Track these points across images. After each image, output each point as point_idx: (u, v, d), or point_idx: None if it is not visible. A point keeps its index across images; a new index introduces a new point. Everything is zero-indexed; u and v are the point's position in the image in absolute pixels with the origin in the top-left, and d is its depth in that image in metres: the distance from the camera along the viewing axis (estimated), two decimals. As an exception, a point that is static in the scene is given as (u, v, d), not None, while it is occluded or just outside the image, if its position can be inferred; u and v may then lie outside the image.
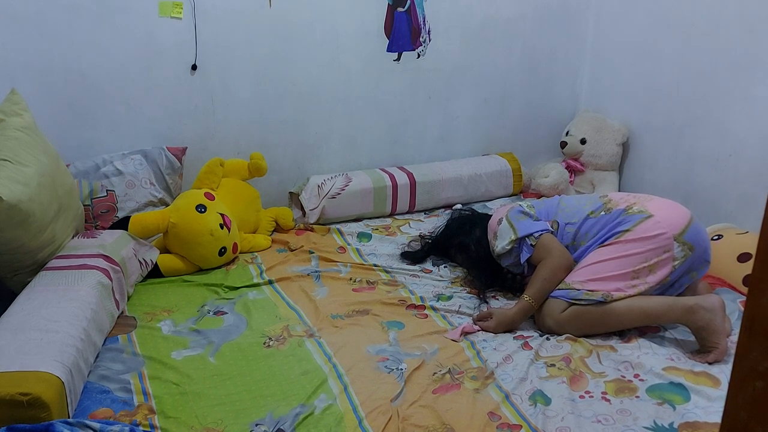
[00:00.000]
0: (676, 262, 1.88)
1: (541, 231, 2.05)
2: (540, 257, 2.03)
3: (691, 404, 1.58)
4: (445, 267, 2.38)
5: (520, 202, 2.22)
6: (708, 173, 2.62)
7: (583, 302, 1.88)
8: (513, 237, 2.07)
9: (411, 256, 2.44)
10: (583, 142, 3.05)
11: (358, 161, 3.00)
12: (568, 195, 2.21)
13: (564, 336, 1.89)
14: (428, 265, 2.39)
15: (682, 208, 1.99)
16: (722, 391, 1.62)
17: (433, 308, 2.07)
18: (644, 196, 2.04)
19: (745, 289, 2.02)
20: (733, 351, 1.42)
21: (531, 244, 2.05)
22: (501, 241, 2.12)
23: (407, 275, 2.31)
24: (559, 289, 1.94)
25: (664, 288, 1.92)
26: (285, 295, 2.15)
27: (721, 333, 1.77)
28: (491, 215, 2.31)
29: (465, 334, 1.92)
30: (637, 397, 1.62)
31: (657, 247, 1.88)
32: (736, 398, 0.72)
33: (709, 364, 1.74)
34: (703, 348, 1.80)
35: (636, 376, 1.70)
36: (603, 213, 2.02)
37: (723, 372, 1.69)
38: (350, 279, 2.27)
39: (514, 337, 1.91)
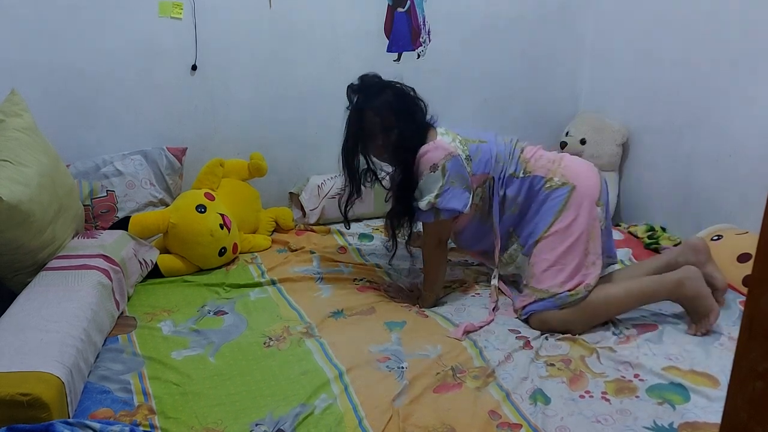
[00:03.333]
0: (602, 224, 2.00)
1: (456, 214, 2.02)
2: (429, 233, 2.06)
3: (690, 404, 1.58)
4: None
5: (465, 147, 2.04)
6: (708, 173, 2.62)
7: (571, 304, 1.91)
8: (431, 200, 1.98)
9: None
10: (582, 142, 3.04)
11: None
12: (496, 138, 2.11)
13: (564, 336, 1.90)
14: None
15: (590, 166, 2.08)
16: (722, 391, 1.62)
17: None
18: (552, 156, 2.07)
19: (745, 290, 2.02)
20: (733, 350, 1.43)
21: (436, 217, 2.01)
22: (425, 192, 2.00)
23: (408, 278, 2.31)
24: (541, 300, 1.95)
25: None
26: (287, 295, 2.15)
27: (709, 296, 1.89)
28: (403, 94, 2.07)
29: (467, 332, 1.92)
30: (637, 397, 1.62)
31: (590, 220, 1.96)
32: (735, 398, 0.72)
33: (707, 331, 1.88)
34: (697, 316, 1.90)
35: (636, 376, 1.71)
36: (522, 174, 2.03)
37: (723, 372, 1.69)
38: (353, 279, 2.27)
39: (516, 337, 1.91)
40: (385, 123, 2.02)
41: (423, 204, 2.00)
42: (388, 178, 2.17)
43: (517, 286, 2.16)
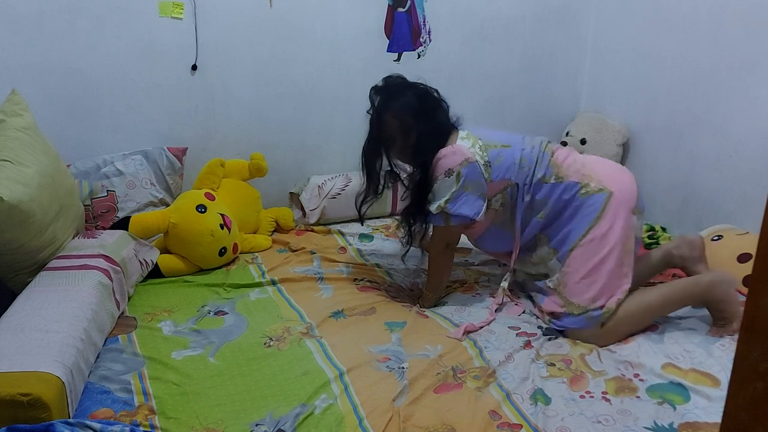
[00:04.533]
0: (638, 232, 1.96)
1: (466, 221, 1.98)
2: (437, 237, 2.04)
3: (691, 404, 1.58)
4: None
5: (485, 153, 1.98)
6: (708, 174, 2.62)
7: (605, 321, 1.86)
8: (442, 205, 1.96)
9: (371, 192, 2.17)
10: (583, 142, 3.04)
11: (359, 161, 2.98)
12: (523, 141, 2.03)
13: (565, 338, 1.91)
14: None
15: (627, 171, 2.03)
16: (722, 391, 1.62)
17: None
18: (587, 159, 2.01)
19: (745, 290, 2.02)
20: (733, 350, 1.43)
21: (446, 222, 1.99)
22: (437, 197, 1.98)
23: (407, 277, 2.31)
24: (572, 315, 1.89)
25: None
26: (287, 295, 2.15)
27: (737, 302, 1.87)
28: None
29: (467, 333, 1.92)
30: (638, 397, 1.62)
31: (626, 230, 1.90)
32: (736, 399, 0.72)
33: (732, 333, 1.85)
34: (722, 320, 1.88)
35: (636, 375, 1.70)
36: (554, 180, 1.96)
37: (724, 371, 1.69)
38: (355, 279, 2.27)
39: (516, 334, 1.91)
40: (404, 126, 2.00)
41: (433, 208, 1.98)
42: (407, 175, 2.15)
43: (531, 281, 2.12)
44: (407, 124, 2.00)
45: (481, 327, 1.95)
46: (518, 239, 2.04)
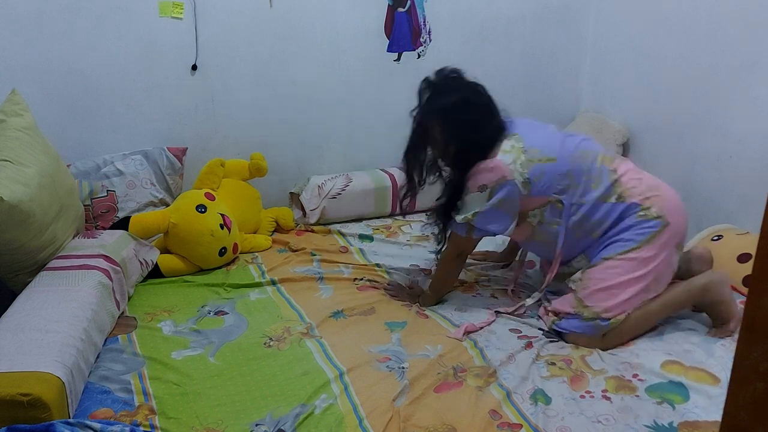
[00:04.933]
0: (674, 267, 1.91)
1: (486, 235, 1.97)
2: (454, 243, 2.02)
3: (690, 404, 1.58)
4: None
5: (526, 170, 1.87)
6: (708, 174, 2.62)
7: (609, 330, 1.85)
8: (469, 217, 1.92)
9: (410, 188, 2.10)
10: (583, 142, 3.04)
11: (359, 161, 3.00)
12: (574, 153, 1.91)
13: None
14: (430, 265, 2.39)
15: (682, 204, 1.96)
16: (722, 389, 1.62)
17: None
18: (650, 181, 1.93)
19: (745, 290, 2.02)
20: (734, 349, 1.43)
21: (469, 233, 1.96)
22: (466, 208, 1.94)
23: (409, 276, 2.31)
24: (579, 317, 1.85)
25: None
26: (288, 295, 2.15)
27: (733, 302, 1.86)
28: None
29: (467, 333, 1.91)
30: (637, 396, 1.62)
31: (666, 264, 1.86)
32: (736, 399, 0.72)
33: (732, 332, 1.84)
34: (719, 321, 1.87)
35: (635, 376, 1.70)
36: (614, 200, 1.88)
37: (724, 370, 1.69)
38: (356, 280, 2.27)
39: (518, 337, 1.91)
40: (447, 131, 1.92)
41: (459, 218, 1.94)
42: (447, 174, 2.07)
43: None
44: (450, 131, 1.92)
45: (482, 327, 1.95)
46: (558, 258, 1.97)
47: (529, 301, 2.06)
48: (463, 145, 1.92)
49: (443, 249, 2.09)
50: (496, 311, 2.03)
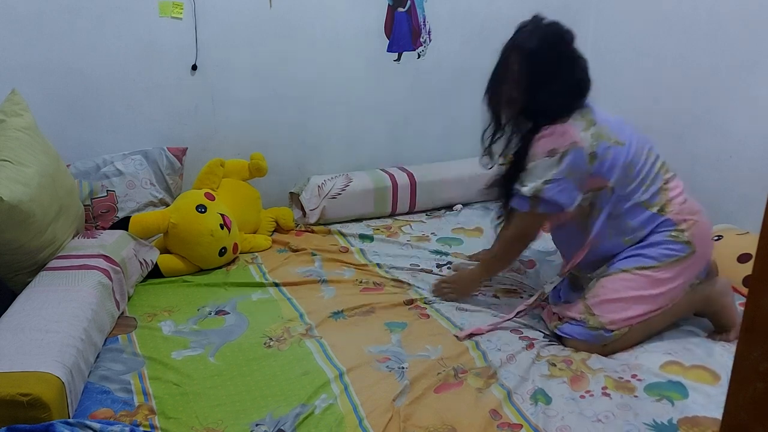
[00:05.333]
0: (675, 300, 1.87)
1: (557, 210, 1.79)
2: (517, 224, 1.88)
3: (689, 400, 1.58)
4: (448, 268, 2.37)
5: (596, 143, 1.77)
6: (708, 174, 2.62)
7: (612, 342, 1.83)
8: (539, 186, 1.77)
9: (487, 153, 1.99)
10: (583, 142, 3.04)
11: (359, 161, 3.00)
12: (637, 146, 1.83)
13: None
14: (430, 265, 2.39)
15: (712, 239, 1.89)
16: (721, 387, 1.62)
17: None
18: (694, 209, 1.87)
19: (745, 290, 2.02)
20: (734, 350, 1.43)
21: (533, 207, 1.80)
22: (533, 177, 1.78)
23: (410, 275, 2.31)
24: (588, 328, 1.81)
25: None
26: (289, 296, 2.15)
27: (734, 310, 1.85)
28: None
29: (472, 335, 1.89)
30: (636, 396, 1.62)
31: (679, 289, 1.83)
32: (736, 399, 0.72)
33: (731, 341, 1.82)
34: (720, 328, 1.86)
35: (634, 376, 1.70)
36: (656, 211, 1.82)
37: (724, 369, 1.69)
38: (356, 280, 2.26)
39: (519, 338, 1.91)
40: (525, 76, 1.80)
41: (527, 189, 1.77)
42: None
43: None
44: (529, 76, 1.79)
45: (489, 331, 1.91)
46: (586, 247, 1.88)
47: (548, 288, 2.00)
48: (538, 95, 1.79)
49: (503, 228, 1.99)
50: (517, 312, 1.99)
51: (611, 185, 1.81)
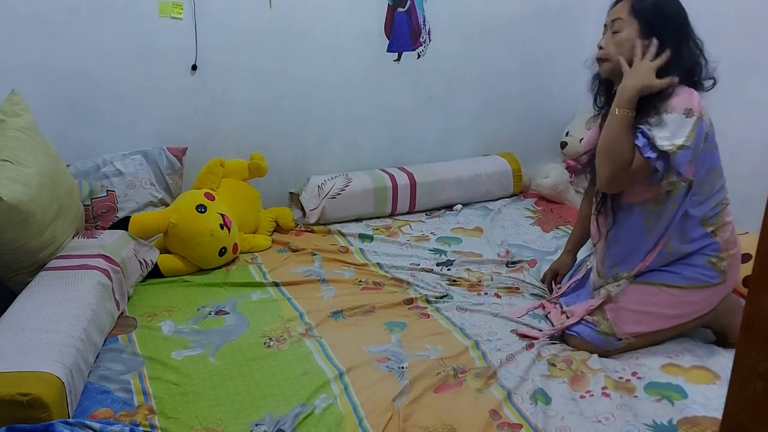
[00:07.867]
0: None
1: (670, 177, 1.64)
2: (634, 170, 1.64)
3: (689, 400, 1.58)
4: (448, 269, 2.37)
5: (711, 125, 1.72)
6: (708, 174, 2.62)
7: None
8: (676, 144, 1.59)
9: None
10: (583, 142, 3.04)
11: (359, 162, 3.00)
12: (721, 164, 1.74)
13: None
14: (430, 264, 2.39)
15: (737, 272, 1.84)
16: (721, 386, 1.62)
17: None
18: (737, 242, 1.83)
19: (745, 290, 2.02)
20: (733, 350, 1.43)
21: (653, 157, 1.61)
22: (664, 128, 1.62)
23: (410, 275, 2.31)
24: (597, 331, 1.81)
25: None
26: (289, 295, 2.15)
27: (736, 329, 1.79)
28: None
29: (526, 337, 1.88)
30: (636, 396, 1.62)
31: (697, 316, 1.81)
32: (736, 399, 0.72)
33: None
34: (722, 339, 1.85)
35: (634, 374, 1.70)
36: (710, 231, 1.74)
37: (723, 369, 1.69)
38: (356, 280, 2.27)
39: (519, 338, 1.91)
40: (665, 29, 1.75)
41: (666, 143, 1.60)
42: None
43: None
44: (669, 31, 1.74)
45: (545, 336, 1.89)
46: (659, 246, 1.76)
47: (614, 289, 1.82)
48: (679, 51, 1.74)
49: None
50: (542, 303, 2.05)
51: (694, 179, 1.68)
